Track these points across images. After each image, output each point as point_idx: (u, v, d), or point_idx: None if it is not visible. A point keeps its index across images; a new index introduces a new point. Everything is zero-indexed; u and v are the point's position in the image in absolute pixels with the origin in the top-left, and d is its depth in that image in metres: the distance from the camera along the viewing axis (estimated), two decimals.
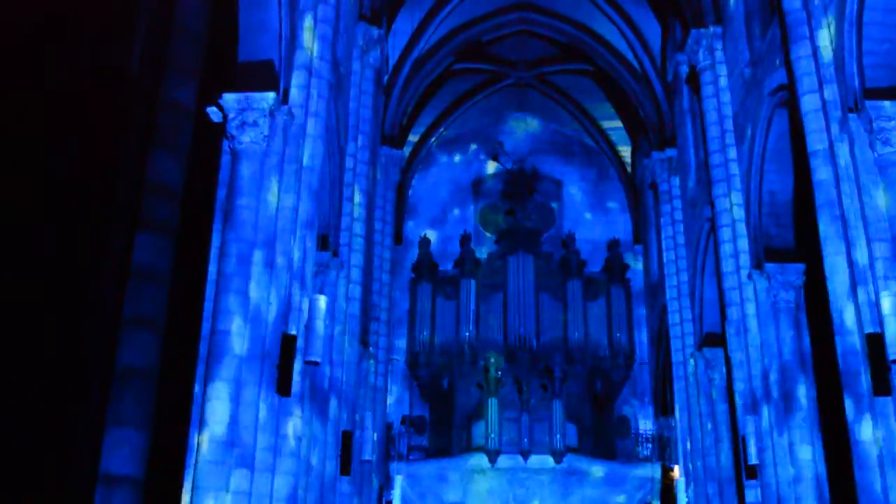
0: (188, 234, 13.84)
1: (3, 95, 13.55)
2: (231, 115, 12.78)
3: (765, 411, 16.94)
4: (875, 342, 11.66)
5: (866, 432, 11.99)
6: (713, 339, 21.49)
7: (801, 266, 17.37)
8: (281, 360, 12.05)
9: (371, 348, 23.52)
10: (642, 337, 29.74)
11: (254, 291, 12.09)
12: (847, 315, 12.55)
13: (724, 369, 20.93)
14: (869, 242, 12.34)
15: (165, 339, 13.23)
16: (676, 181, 24.85)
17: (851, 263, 12.54)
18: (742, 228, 18.49)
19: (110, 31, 14.66)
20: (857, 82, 13.08)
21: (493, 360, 25.70)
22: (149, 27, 14.70)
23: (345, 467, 17.63)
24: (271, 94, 12.89)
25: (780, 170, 17.71)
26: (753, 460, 16.91)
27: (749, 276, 17.85)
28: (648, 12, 26.72)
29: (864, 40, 13.05)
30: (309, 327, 12.81)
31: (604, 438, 27.33)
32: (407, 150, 29.88)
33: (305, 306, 13.15)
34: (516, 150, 32.48)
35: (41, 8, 14.29)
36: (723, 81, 19.97)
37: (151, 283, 13.27)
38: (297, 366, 12.43)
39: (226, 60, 13.84)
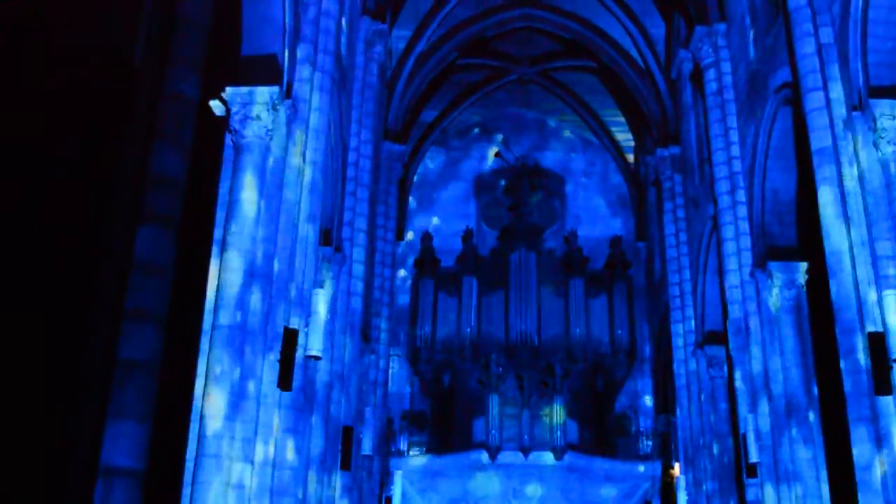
0: (190, 228, 13.83)
1: (5, 86, 13.54)
2: (234, 109, 12.73)
3: (765, 410, 16.93)
4: (877, 341, 11.63)
5: (867, 432, 11.96)
6: (715, 338, 21.48)
7: (803, 265, 17.32)
8: (282, 354, 12.05)
9: (372, 343, 23.54)
10: (644, 334, 29.74)
11: (255, 286, 12.08)
12: (849, 314, 12.52)
13: (725, 367, 20.93)
14: (872, 241, 12.31)
15: (167, 332, 13.24)
16: (679, 178, 24.79)
17: (854, 262, 12.51)
18: (745, 226, 18.43)
19: (114, 22, 14.64)
20: (861, 80, 13.04)
21: (494, 356, 25.73)
22: (153, 18, 14.68)
23: (345, 462, 17.64)
24: (274, 89, 12.84)
25: (784, 168, 17.65)
26: (754, 458, 16.90)
27: (751, 275, 17.81)
28: (652, 8, 26.70)
29: (868, 38, 13.01)
30: (310, 322, 12.80)
31: (605, 435, 27.31)
32: (410, 145, 29.84)
33: (307, 301, 13.14)
34: (519, 145, 32.47)
35: None
36: (727, 78, 19.89)
37: (153, 276, 13.28)
38: (299, 360, 12.42)
39: (229, 54, 13.81)
